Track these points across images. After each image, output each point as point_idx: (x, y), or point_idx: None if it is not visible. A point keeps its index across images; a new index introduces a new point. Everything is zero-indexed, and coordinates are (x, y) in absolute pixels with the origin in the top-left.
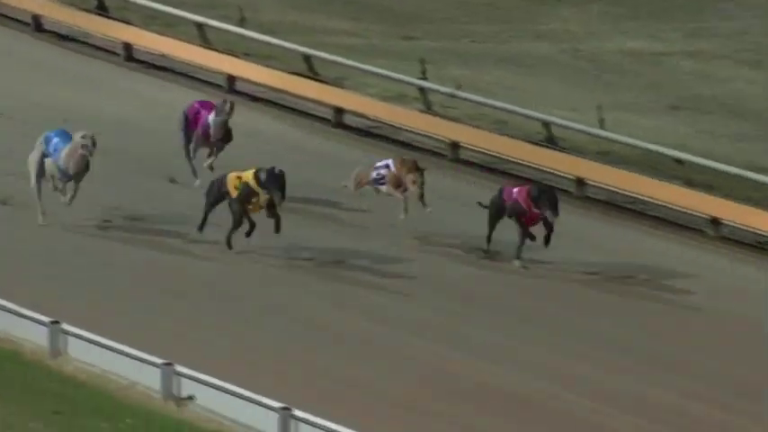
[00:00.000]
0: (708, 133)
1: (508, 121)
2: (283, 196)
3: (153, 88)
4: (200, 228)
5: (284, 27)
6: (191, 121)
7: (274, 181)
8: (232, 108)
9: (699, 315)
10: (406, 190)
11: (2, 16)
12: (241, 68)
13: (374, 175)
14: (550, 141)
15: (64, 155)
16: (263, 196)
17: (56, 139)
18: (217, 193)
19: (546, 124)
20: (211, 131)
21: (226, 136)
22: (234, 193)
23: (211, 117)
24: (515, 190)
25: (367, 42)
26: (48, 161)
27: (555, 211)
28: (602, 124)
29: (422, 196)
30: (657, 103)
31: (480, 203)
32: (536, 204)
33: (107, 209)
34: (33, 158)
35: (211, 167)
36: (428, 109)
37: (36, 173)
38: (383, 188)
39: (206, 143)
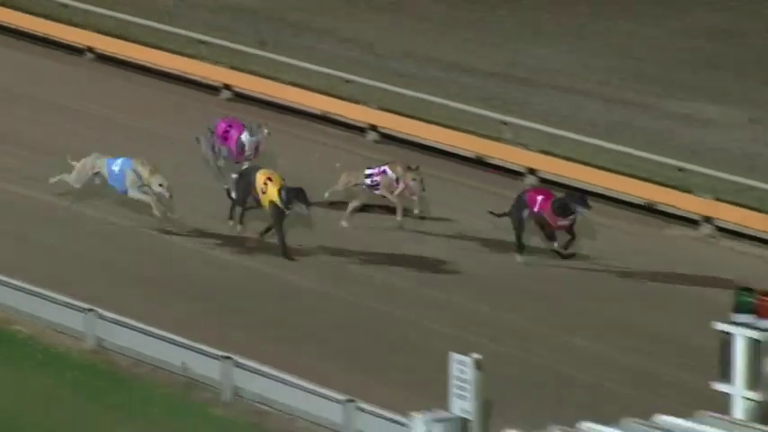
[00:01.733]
0: None
1: None
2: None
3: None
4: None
5: None
6: (218, 137)
7: (297, 197)
8: (264, 130)
9: None
10: (406, 188)
11: None
12: None
13: (368, 181)
14: None
15: (128, 183)
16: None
17: (115, 168)
18: (245, 187)
19: None
20: (246, 150)
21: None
22: (261, 197)
23: (245, 136)
24: (539, 198)
25: None
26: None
27: (585, 205)
28: None
29: (422, 190)
30: None
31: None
32: (562, 214)
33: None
34: (87, 164)
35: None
36: None
37: (80, 181)
38: (378, 192)
39: (238, 159)
